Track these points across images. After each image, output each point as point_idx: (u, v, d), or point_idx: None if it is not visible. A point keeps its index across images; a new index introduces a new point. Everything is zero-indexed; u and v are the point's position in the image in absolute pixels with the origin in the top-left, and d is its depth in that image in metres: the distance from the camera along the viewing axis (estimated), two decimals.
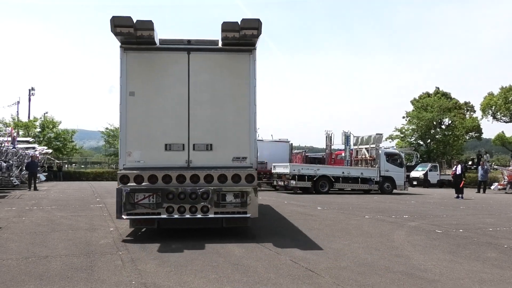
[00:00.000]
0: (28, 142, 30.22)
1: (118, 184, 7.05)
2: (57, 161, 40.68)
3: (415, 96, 55.00)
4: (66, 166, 45.75)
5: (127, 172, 7.10)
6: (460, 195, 19.31)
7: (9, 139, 24.14)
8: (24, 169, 24.35)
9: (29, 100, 47.03)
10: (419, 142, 48.02)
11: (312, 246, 6.64)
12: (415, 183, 33.19)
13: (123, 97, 7.25)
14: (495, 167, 33.45)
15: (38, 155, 27.78)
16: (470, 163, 39.18)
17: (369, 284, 4.58)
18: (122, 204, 6.97)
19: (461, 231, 8.52)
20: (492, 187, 27.77)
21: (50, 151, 37.74)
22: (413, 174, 33.75)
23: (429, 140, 47.45)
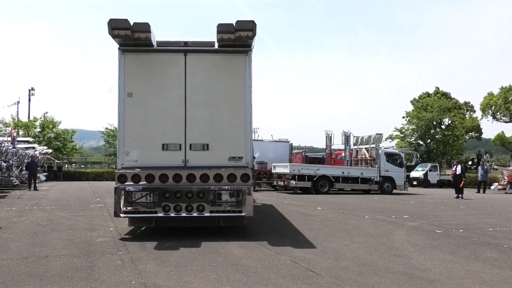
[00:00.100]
0: (28, 142, 30.22)
1: (116, 183, 7.15)
2: (57, 161, 40.68)
3: (415, 96, 55.11)
4: (66, 166, 45.76)
5: (124, 171, 7.19)
6: (460, 195, 19.33)
7: (9, 139, 24.13)
8: (24, 169, 24.35)
9: (29, 100, 47.11)
10: (419, 142, 48.05)
11: (312, 246, 6.64)
12: (415, 183, 33.22)
13: (121, 98, 7.36)
14: (495, 167, 33.47)
15: (38, 155, 27.77)
16: (470, 163, 39.18)
17: (369, 284, 4.58)
18: (120, 203, 7.05)
19: (461, 231, 8.53)
20: (492, 187, 27.78)
21: (50, 151, 37.73)
22: (413, 174, 33.78)
23: (429, 140, 47.48)
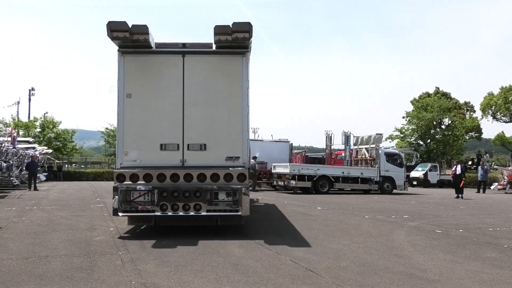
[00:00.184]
0: (28, 142, 30.23)
1: (114, 182, 7.23)
2: (57, 161, 40.71)
3: (415, 96, 55.15)
4: (66, 166, 45.78)
5: (123, 171, 7.29)
6: (460, 195, 19.33)
7: (9, 139, 24.12)
8: (24, 169, 24.35)
9: (29, 100, 47.20)
10: (419, 142, 48.07)
11: (312, 246, 6.64)
12: (415, 183, 33.22)
13: (120, 99, 7.45)
14: (495, 167, 33.47)
15: (38, 155, 27.78)
16: (470, 163, 39.24)
17: (369, 284, 4.58)
18: (119, 202, 7.10)
19: (461, 231, 8.53)
20: (492, 187, 27.78)
21: (50, 151, 37.75)
22: (413, 174, 33.78)
23: (429, 140, 47.50)
